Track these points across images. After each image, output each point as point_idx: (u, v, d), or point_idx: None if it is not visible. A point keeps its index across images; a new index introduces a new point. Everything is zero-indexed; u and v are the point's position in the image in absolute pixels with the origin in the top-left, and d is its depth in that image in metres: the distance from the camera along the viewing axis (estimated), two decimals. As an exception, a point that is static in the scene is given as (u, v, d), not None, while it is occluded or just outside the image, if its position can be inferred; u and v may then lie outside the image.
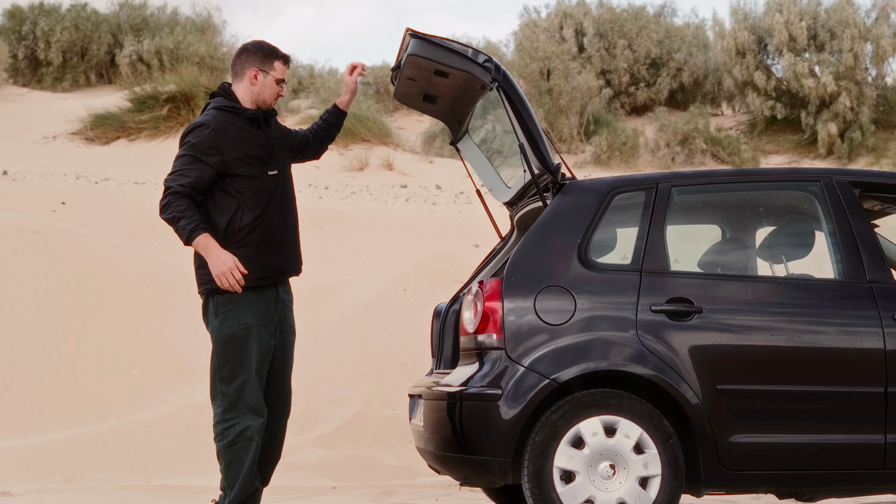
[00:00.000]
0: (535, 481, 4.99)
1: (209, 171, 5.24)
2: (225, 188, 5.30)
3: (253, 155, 5.33)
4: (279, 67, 5.47)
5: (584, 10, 26.22)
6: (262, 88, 5.45)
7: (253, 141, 5.37)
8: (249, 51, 5.46)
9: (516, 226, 6.17)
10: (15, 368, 9.02)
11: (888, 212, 6.30)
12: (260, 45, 5.48)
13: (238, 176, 5.28)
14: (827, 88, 22.20)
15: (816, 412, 5.22)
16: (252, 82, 5.43)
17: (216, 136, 5.26)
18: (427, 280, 10.04)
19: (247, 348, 5.25)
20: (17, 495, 7.01)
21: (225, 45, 28.21)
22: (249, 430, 5.22)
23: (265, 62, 5.43)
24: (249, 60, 5.43)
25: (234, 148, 5.29)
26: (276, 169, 5.42)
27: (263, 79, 5.43)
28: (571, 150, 22.26)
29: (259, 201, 5.32)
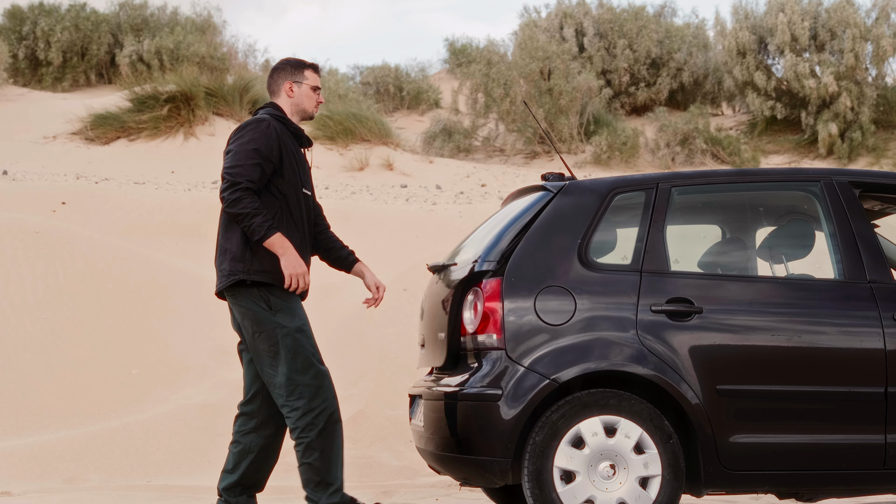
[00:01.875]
0: (536, 481, 4.99)
1: (270, 167, 5.36)
2: (270, 189, 5.40)
3: (296, 164, 5.50)
4: (311, 75, 5.61)
5: (585, 10, 26.23)
6: (300, 99, 5.58)
7: (296, 154, 5.54)
8: (279, 68, 5.64)
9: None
10: (15, 368, 9.02)
11: (888, 212, 6.30)
12: (287, 60, 5.65)
13: (283, 179, 5.41)
14: (827, 88, 22.21)
15: (817, 412, 5.23)
16: (289, 94, 5.57)
17: (277, 135, 5.40)
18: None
19: (312, 339, 5.39)
20: (17, 495, 7.01)
21: (225, 45, 28.22)
22: (336, 412, 5.35)
23: (296, 73, 5.58)
24: (281, 76, 5.59)
25: (285, 153, 5.43)
26: (309, 191, 5.62)
27: (299, 89, 5.57)
28: (571, 150, 22.26)
29: (295, 211, 5.48)
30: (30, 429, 8.46)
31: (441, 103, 27.11)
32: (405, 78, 27.99)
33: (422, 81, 28.32)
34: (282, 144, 5.40)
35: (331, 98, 23.49)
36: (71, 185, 15.36)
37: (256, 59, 29.72)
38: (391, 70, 27.91)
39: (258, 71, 27.97)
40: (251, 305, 5.36)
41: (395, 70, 27.98)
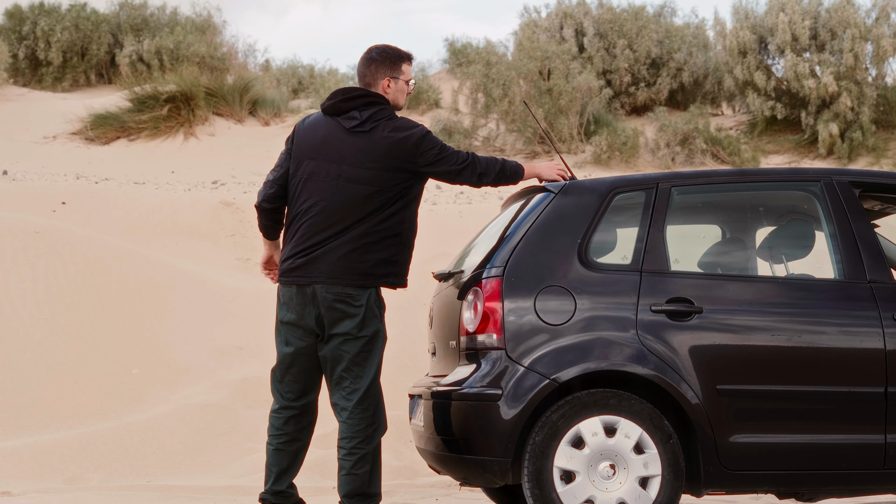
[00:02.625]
0: (535, 481, 4.99)
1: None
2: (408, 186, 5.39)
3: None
4: (406, 69, 5.53)
5: (585, 10, 26.22)
6: (395, 95, 5.54)
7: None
8: (375, 60, 5.45)
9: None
10: (15, 368, 9.01)
11: (888, 212, 6.30)
12: (385, 53, 5.47)
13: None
14: (827, 88, 22.20)
15: (817, 412, 5.23)
16: (385, 91, 5.47)
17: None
18: (427, 280, 10.02)
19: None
20: (17, 495, 7.01)
21: (225, 45, 28.21)
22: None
23: (394, 68, 5.47)
24: (380, 70, 5.44)
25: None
26: None
27: (395, 85, 5.49)
28: (571, 150, 22.25)
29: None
30: (30, 429, 8.46)
31: (441, 103, 27.09)
32: (405, 78, 27.91)
33: (422, 81, 28.31)
34: None
35: (331, 98, 23.46)
36: (71, 185, 15.36)
37: (256, 59, 29.71)
38: (391, 70, 27.83)
39: (258, 71, 27.98)
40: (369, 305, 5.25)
41: (395, 70, 27.89)
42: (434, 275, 5.98)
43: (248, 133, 21.02)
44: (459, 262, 5.90)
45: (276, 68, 28.61)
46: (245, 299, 10.42)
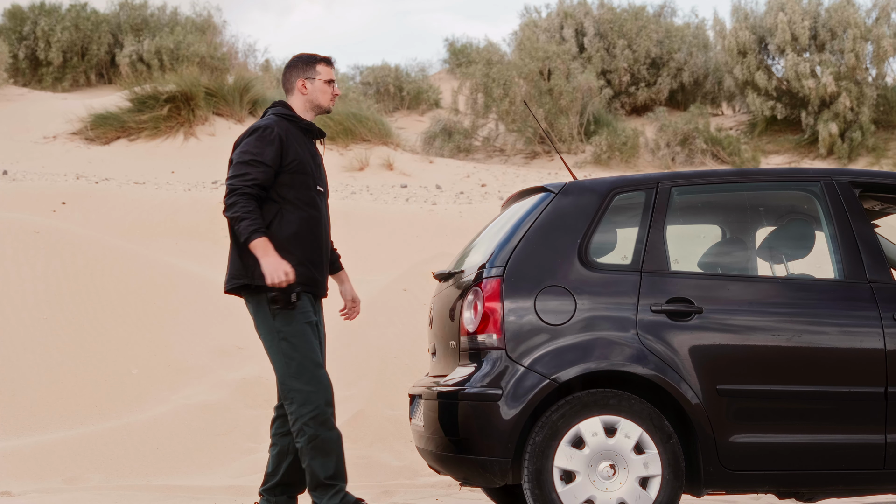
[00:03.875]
0: (536, 481, 4.99)
1: (270, 171, 5.40)
2: (270, 193, 5.43)
3: (305, 164, 5.52)
4: (322, 70, 5.64)
5: (585, 10, 26.23)
6: (314, 94, 5.63)
7: (308, 151, 5.58)
8: (291, 66, 5.68)
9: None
10: (15, 368, 9.01)
11: (888, 212, 6.30)
12: (298, 57, 5.67)
13: (283, 185, 5.43)
14: (827, 88, 22.21)
15: (817, 412, 5.23)
16: (302, 92, 5.61)
17: (279, 139, 5.43)
18: (427, 280, 10.03)
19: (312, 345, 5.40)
20: (17, 495, 7.01)
21: (225, 45, 28.22)
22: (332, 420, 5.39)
23: (307, 70, 5.62)
24: (294, 73, 5.64)
25: (291, 153, 5.47)
26: (322, 187, 5.63)
27: (312, 85, 5.61)
28: (571, 150, 22.25)
29: (307, 213, 5.48)
30: (30, 429, 8.46)
31: (441, 103, 27.10)
32: (405, 78, 27.99)
33: (422, 81, 28.32)
34: (286, 146, 5.44)
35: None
36: (71, 185, 15.36)
37: (256, 58, 29.75)
38: (391, 70, 27.91)
39: (258, 71, 27.98)
40: (254, 309, 5.43)
41: (396, 70, 27.98)
42: (434, 275, 5.98)
43: (248, 133, 20.99)
44: (459, 262, 5.91)
45: (276, 68, 28.61)
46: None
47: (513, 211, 5.73)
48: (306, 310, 5.41)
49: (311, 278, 5.45)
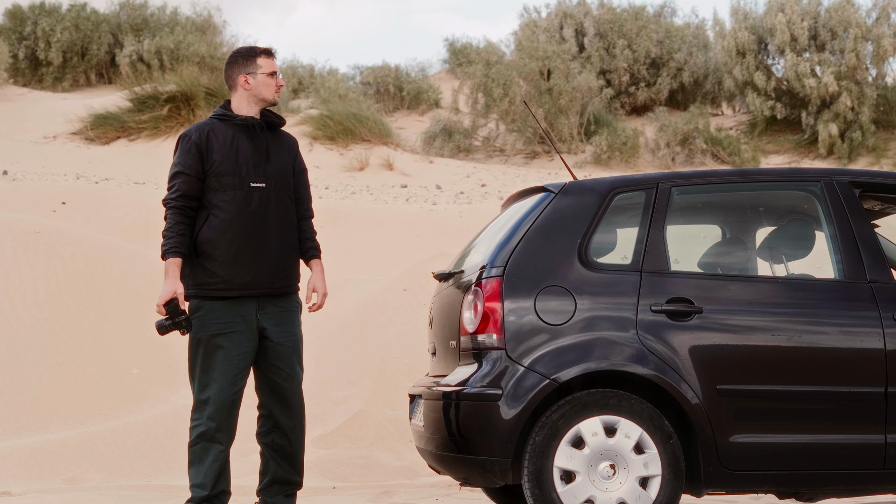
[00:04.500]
0: (536, 481, 4.99)
1: (192, 179, 5.40)
2: (203, 200, 5.44)
3: (238, 163, 5.43)
4: (263, 62, 5.60)
5: (585, 10, 26.23)
6: (257, 88, 5.58)
7: (240, 149, 5.46)
8: (231, 62, 5.63)
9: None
10: (15, 368, 9.02)
11: (888, 212, 6.30)
12: (238, 52, 5.65)
13: (210, 189, 5.41)
14: (827, 88, 22.21)
15: (817, 412, 5.22)
16: (245, 87, 5.57)
17: (197, 146, 5.41)
18: (427, 280, 10.03)
19: (210, 353, 5.39)
20: (17, 495, 7.01)
21: (225, 45, 28.21)
22: (209, 433, 5.41)
23: (248, 64, 5.58)
24: (234, 70, 5.61)
25: (213, 156, 5.41)
26: (263, 182, 5.48)
27: (254, 80, 5.57)
28: (571, 150, 22.25)
29: (229, 214, 5.40)
30: (30, 429, 8.46)
31: (441, 103, 27.09)
32: (405, 78, 27.99)
33: (422, 81, 28.31)
34: (206, 150, 5.41)
35: (331, 98, 23.48)
36: (71, 185, 15.36)
37: (256, 59, 29.70)
38: (391, 70, 27.91)
39: (258, 71, 27.95)
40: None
41: (396, 70, 27.97)
42: (434, 275, 5.98)
43: (248, 133, 21.00)
44: (459, 262, 5.91)
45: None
46: (245, 299, 10.41)
47: (513, 211, 5.73)
48: (209, 321, 5.40)
49: (232, 281, 5.38)
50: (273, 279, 5.46)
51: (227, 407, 5.41)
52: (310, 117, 21.46)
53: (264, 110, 5.63)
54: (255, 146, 5.50)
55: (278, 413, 5.52)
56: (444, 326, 5.66)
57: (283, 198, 5.53)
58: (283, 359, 5.49)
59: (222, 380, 5.38)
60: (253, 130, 5.53)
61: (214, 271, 5.37)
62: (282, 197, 5.52)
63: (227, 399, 5.40)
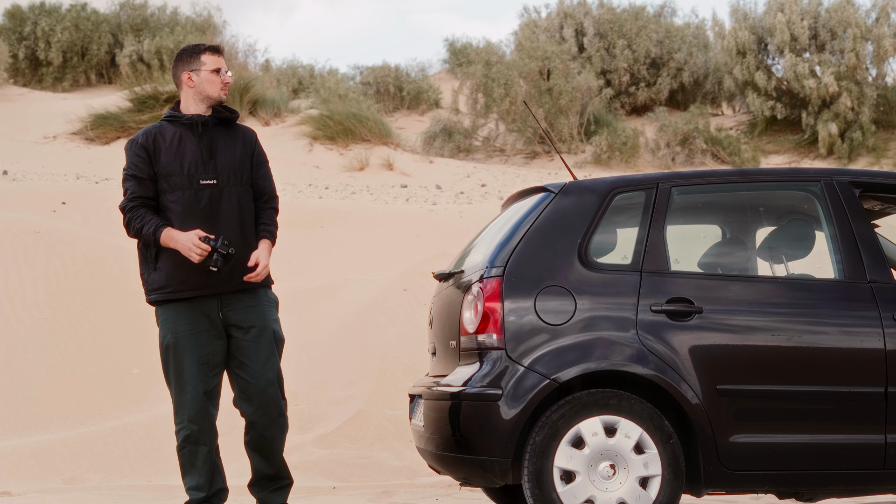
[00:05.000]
0: (536, 481, 4.99)
1: (146, 181, 5.38)
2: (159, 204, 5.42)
3: (184, 163, 5.37)
4: (208, 59, 5.48)
5: (585, 10, 26.23)
6: (201, 86, 5.47)
7: (187, 148, 5.40)
8: (176, 59, 5.56)
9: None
10: (15, 368, 9.02)
11: (888, 212, 6.30)
12: (182, 50, 5.56)
13: (161, 192, 5.38)
14: (828, 88, 22.21)
15: (817, 412, 5.22)
16: (189, 85, 5.47)
17: (144, 149, 5.38)
18: (427, 280, 10.03)
19: (179, 357, 5.37)
20: (17, 495, 7.01)
21: (225, 45, 28.21)
22: (193, 436, 5.37)
23: (191, 62, 5.48)
24: (179, 68, 5.52)
25: (162, 159, 5.38)
26: (213, 178, 5.40)
27: (198, 77, 5.46)
28: (571, 150, 22.25)
29: (179, 214, 5.35)
30: (30, 429, 8.46)
31: (441, 103, 27.10)
32: (405, 78, 27.99)
33: (422, 81, 28.32)
34: (153, 152, 5.37)
35: (331, 98, 23.48)
36: (71, 185, 15.36)
37: (256, 58, 29.76)
38: (391, 70, 27.91)
39: (258, 71, 27.98)
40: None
41: (396, 70, 27.98)
42: (434, 275, 5.98)
43: (248, 133, 21.00)
44: (459, 262, 5.91)
45: (276, 68, 28.62)
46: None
47: (513, 211, 5.73)
48: (174, 324, 5.40)
49: (187, 282, 5.34)
50: (232, 276, 5.36)
51: (204, 407, 5.38)
52: (310, 117, 21.47)
53: (216, 106, 5.50)
54: (203, 144, 5.41)
55: (248, 411, 5.45)
56: (444, 326, 5.66)
57: (238, 193, 5.43)
58: (248, 355, 5.41)
59: (195, 381, 5.35)
60: (202, 128, 5.43)
61: (171, 273, 5.32)
62: (235, 192, 5.42)
63: (201, 399, 5.37)
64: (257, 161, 5.55)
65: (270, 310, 5.51)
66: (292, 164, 19.41)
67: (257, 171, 5.55)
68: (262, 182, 5.57)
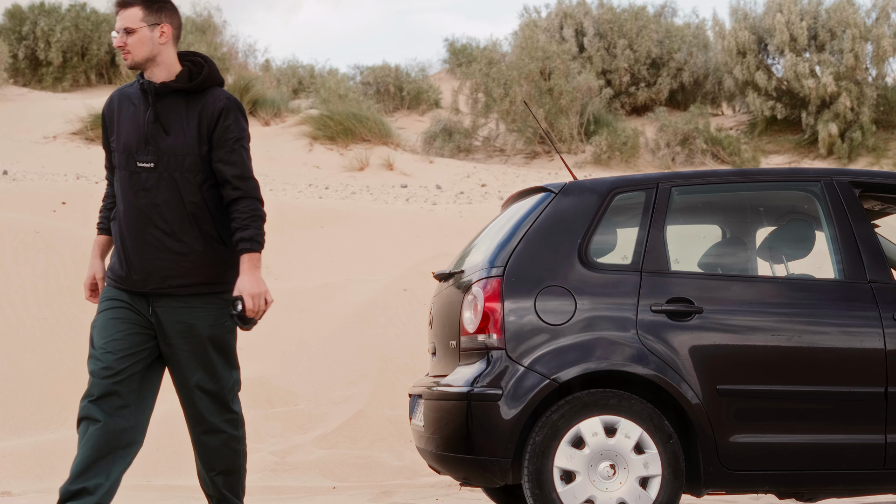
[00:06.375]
0: (536, 481, 5.00)
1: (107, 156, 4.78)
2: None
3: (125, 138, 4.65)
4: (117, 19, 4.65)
5: (585, 10, 26.23)
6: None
7: (131, 122, 4.65)
8: None
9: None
10: (15, 368, 9.02)
11: (888, 212, 6.30)
12: None
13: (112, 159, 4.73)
14: (827, 88, 22.21)
15: (817, 412, 5.23)
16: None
17: (104, 116, 4.76)
18: (427, 280, 10.03)
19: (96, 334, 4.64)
20: (17, 495, 7.01)
21: (225, 45, 28.22)
22: (81, 411, 4.60)
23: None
24: None
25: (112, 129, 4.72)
26: (152, 161, 4.59)
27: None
28: (571, 150, 22.25)
29: (117, 198, 4.70)
30: (30, 429, 8.46)
31: (441, 103, 27.09)
32: (405, 78, 27.99)
33: (422, 81, 28.31)
34: (108, 122, 4.72)
35: (331, 98, 23.48)
36: (71, 185, 15.36)
37: (256, 59, 29.75)
38: (391, 70, 27.91)
39: (258, 71, 27.98)
40: None
41: (396, 70, 27.97)
42: (434, 275, 5.98)
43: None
44: (459, 262, 5.91)
45: (276, 68, 28.61)
46: (245, 299, 10.40)
47: (513, 211, 5.73)
48: (103, 299, 4.70)
49: (115, 272, 4.68)
50: (164, 277, 4.60)
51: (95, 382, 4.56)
52: (310, 117, 21.46)
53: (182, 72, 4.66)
54: (149, 117, 4.60)
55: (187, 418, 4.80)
56: (444, 326, 5.66)
57: (182, 181, 4.58)
58: (175, 369, 4.69)
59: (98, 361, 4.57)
60: (154, 97, 4.61)
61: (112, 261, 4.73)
62: (178, 179, 4.58)
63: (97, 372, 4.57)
64: (220, 140, 4.62)
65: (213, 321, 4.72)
66: (292, 164, 19.41)
67: (219, 153, 4.61)
68: (223, 166, 4.61)
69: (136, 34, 4.61)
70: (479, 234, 6.06)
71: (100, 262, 4.86)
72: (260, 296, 4.57)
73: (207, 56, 4.77)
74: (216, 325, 4.69)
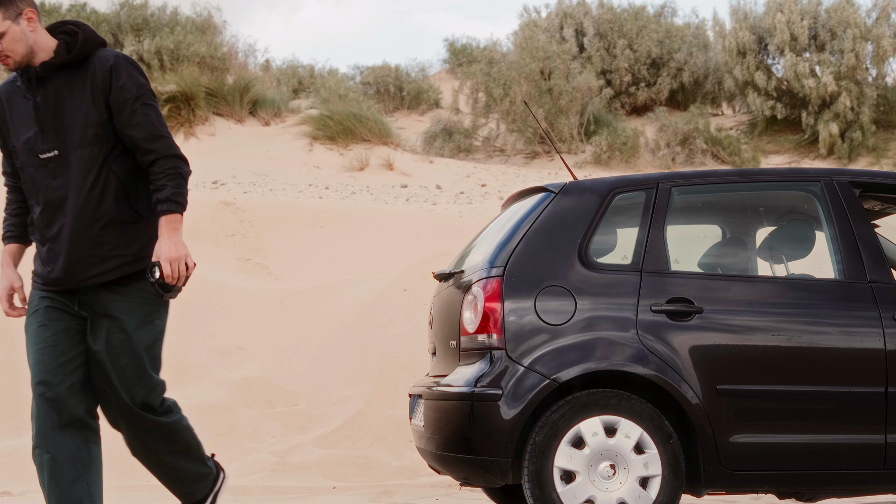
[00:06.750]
0: (536, 481, 4.99)
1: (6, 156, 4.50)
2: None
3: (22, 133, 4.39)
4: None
5: (585, 10, 26.22)
6: None
7: (26, 116, 4.39)
8: None
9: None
10: (15, 368, 9.01)
11: (888, 212, 6.30)
12: None
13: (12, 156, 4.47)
14: (827, 88, 22.21)
15: (817, 412, 5.23)
16: None
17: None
18: (427, 280, 10.03)
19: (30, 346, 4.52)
20: (17, 495, 7.01)
21: (225, 45, 28.21)
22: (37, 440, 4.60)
23: None
24: None
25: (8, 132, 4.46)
26: (54, 149, 4.32)
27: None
28: (571, 150, 22.25)
29: (29, 196, 4.44)
30: (30, 429, 8.45)
31: (441, 103, 27.09)
32: (405, 78, 27.99)
33: (422, 81, 28.30)
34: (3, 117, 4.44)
35: (331, 98, 23.47)
36: None
37: (257, 58, 29.73)
38: (391, 70, 27.90)
39: (258, 71, 27.98)
40: None
41: (396, 70, 27.97)
42: (434, 275, 5.98)
43: (249, 133, 21.03)
44: (459, 262, 5.91)
45: (276, 68, 28.62)
46: (245, 299, 10.42)
47: (513, 211, 5.73)
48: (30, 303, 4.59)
49: (38, 274, 4.54)
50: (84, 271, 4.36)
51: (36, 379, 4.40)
52: (310, 117, 21.46)
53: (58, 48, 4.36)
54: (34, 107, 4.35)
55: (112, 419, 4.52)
56: (444, 326, 5.66)
57: (89, 157, 4.28)
58: (98, 369, 4.49)
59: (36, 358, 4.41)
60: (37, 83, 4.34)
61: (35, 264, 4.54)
62: (84, 157, 4.28)
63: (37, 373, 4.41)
64: (117, 103, 4.28)
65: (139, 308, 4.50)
66: (292, 164, 19.41)
67: (119, 118, 4.28)
68: (129, 130, 4.27)
69: (7, 35, 4.30)
70: (479, 234, 6.06)
71: (13, 270, 4.59)
72: (178, 260, 4.27)
73: (79, 21, 4.43)
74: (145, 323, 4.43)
